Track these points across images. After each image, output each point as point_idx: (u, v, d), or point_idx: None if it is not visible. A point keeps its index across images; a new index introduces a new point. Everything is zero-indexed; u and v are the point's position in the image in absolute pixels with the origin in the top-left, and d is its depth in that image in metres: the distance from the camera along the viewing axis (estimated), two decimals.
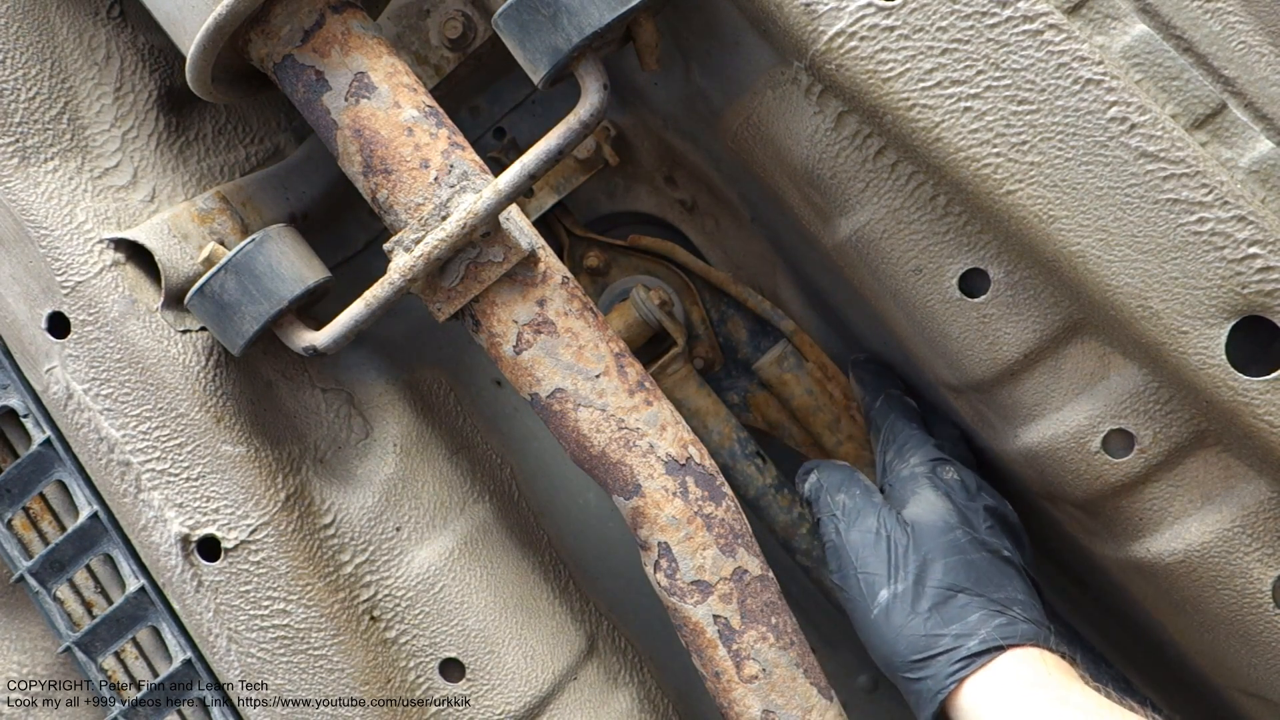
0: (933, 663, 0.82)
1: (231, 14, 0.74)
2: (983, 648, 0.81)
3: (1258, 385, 0.73)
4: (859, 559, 0.89)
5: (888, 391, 1.04)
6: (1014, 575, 0.88)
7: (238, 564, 0.87)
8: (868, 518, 0.91)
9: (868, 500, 0.93)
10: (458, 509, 1.01)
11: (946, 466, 0.95)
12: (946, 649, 0.82)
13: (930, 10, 0.73)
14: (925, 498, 0.92)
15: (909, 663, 0.83)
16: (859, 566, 0.89)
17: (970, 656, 0.81)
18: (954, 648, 0.82)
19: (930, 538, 0.88)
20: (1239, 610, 0.82)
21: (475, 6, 1.01)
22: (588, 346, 0.81)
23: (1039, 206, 0.74)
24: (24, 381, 0.89)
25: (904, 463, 0.97)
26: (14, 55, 0.86)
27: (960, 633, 0.83)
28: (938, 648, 0.83)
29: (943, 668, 0.82)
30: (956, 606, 0.84)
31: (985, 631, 0.82)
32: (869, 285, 0.89)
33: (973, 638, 0.82)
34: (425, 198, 0.79)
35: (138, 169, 0.92)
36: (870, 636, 0.87)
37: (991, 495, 0.95)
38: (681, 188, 1.15)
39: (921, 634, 0.83)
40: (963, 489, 0.93)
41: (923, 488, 0.93)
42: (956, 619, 0.84)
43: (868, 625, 0.87)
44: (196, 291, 0.82)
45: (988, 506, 0.93)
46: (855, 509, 0.92)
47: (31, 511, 0.95)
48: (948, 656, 0.82)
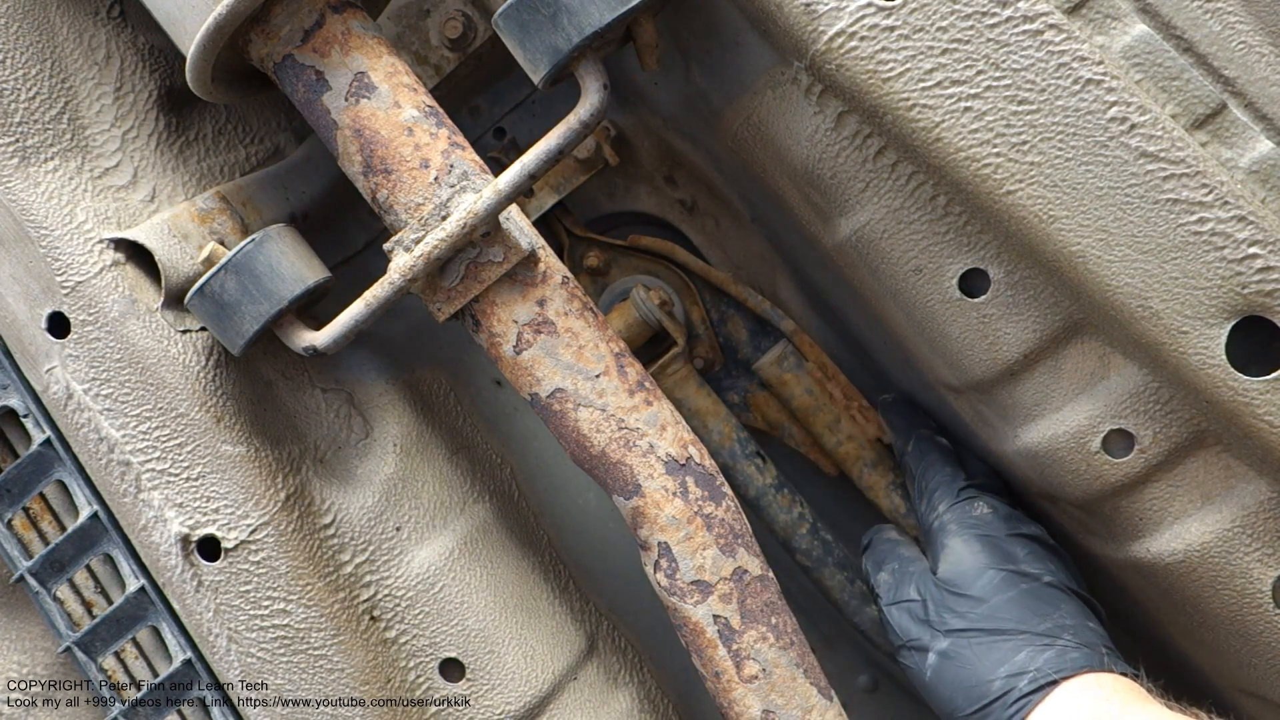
0: (989, 711, 0.81)
1: (231, 14, 0.74)
2: (1034, 686, 0.80)
3: (1258, 385, 0.73)
4: (904, 630, 0.90)
5: (918, 433, 1.04)
6: (1060, 600, 0.87)
7: (238, 564, 0.87)
8: (906, 588, 0.92)
9: (904, 570, 0.94)
10: (458, 509, 1.01)
11: (975, 503, 0.95)
12: (1000, 694, 0.81)
13: (930, 10, 0.73)
14: (954, 548, 0.92)
15: (968, 716, 0.83)
16: (905, 637, 0.90)
17: (1023, 697, 0.80)
18: (1006, 691, 0.81)
19: (966, 587, 0.88)
20: (1239, 610, 0.82)
21: (475, 6, 1.01)
22: (588, 346, 0.81)
23: (1039, 206, 0.74)
24: (24, 381, 0.89)
25: (933, 511, 0.97)
26: (14, 55, 0.86)
27: (1010, 673, 0.81)
28: (991, 694, 0.81)
29: (999, 713, 0.81)
30: (1004, 649, 0.83)
31: (1035, 668, 0.81)
32: (869, 285, 0.89)
33: (1023, 677, 0.81)
34: (425, 198, 0.79)
35: (138, 169, 0.92)
36: (932, 700, 0.87)
37: (1026, 523, 0.94)
38: (681, 188, 1.15)
39: (974, 684, 0.83)
40: (994, 521, 0.93)
41: (951, 537, 0.93)
42: (1004, 661, 0.82)
43: (926, 689, 0.87)
44: (196, 291, 0.82)
45: (1023, 534, 0.92)
46: (894, 583, 0.94)
47: (31, 511, 0.95)
48: (1002, 702, 0.81)
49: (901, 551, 0.98)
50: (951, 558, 0.92)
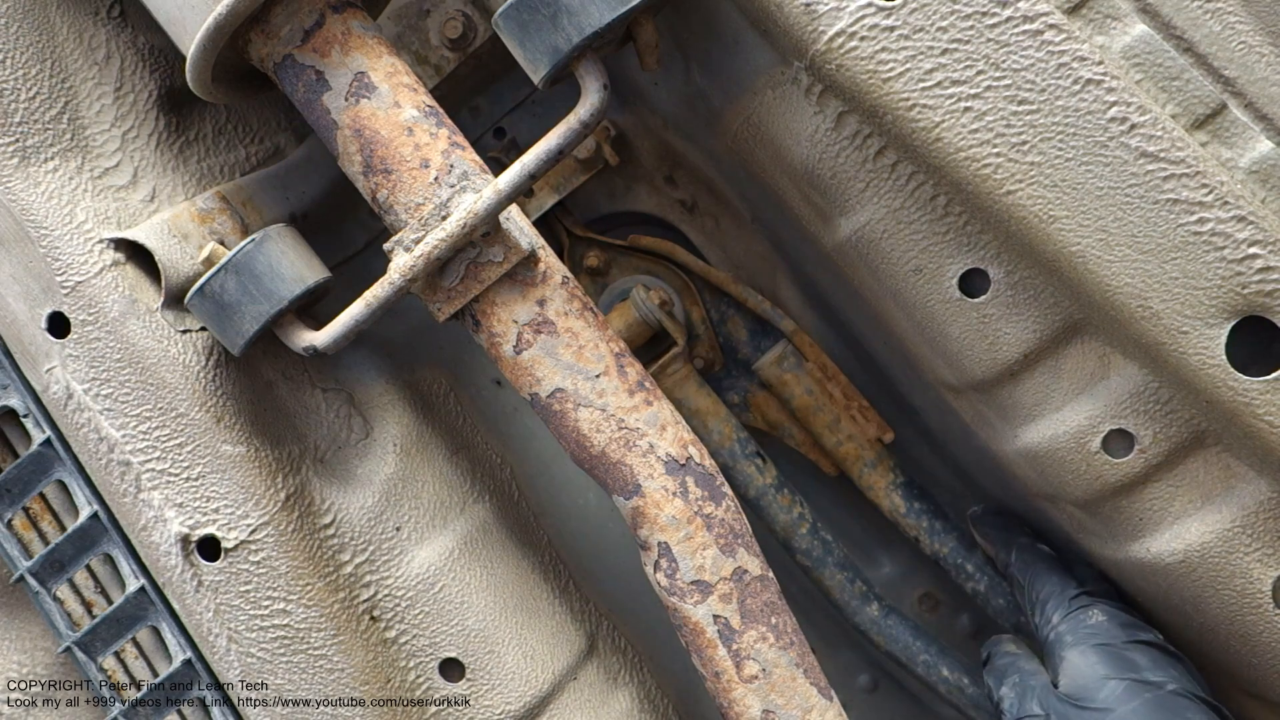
0: None
1: (231, 14, 0.74)
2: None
3: (1258, 385, 0.73)
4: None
5: (1018, 542, 1.02)
6: (1186, 707, 0.84)
7: (238, 564, 0.87)
8: (1029, 703, 0.90)
9: (1026, 685, 0.92)
10: (458, 509, 1.01)
11: (1089, 611, 0.93)
12: None
13: (930, 10, 0.73)
14: (1072, 660, 0.90)
15: None
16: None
17: None
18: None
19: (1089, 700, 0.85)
20: (1239, 610, 0.82)
21: (475, 6, 1.01)
22: (588, 346, 0.81)
23: (1039, 206, 0.74)
24: (24, 381, 0.89)
25: (1048, 624, 0.95)
26: (14, 55, 0.86)
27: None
28: None
29: None
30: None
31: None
32: (869, 285, 0.89)
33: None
34: (425, 197, 0.79)
35: (138, 169, 0.92)
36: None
37: (1143, 629, 0.92)
38: (681, 188, 1.15)
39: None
40: (1111, 628, 0.91)
41: (1069, 649, 0.91)
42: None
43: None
44: (196, 291, 0.82)
45: (1142, 641, 0.90)
46: (1017, 698, 0.91)
47: (31, 511, 0.94)
48: None
49: (1022, 665, 0.95)
50: (1071, 670, 0.89)
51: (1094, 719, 0.84)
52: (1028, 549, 1.01)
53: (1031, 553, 1.01)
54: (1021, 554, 1.01)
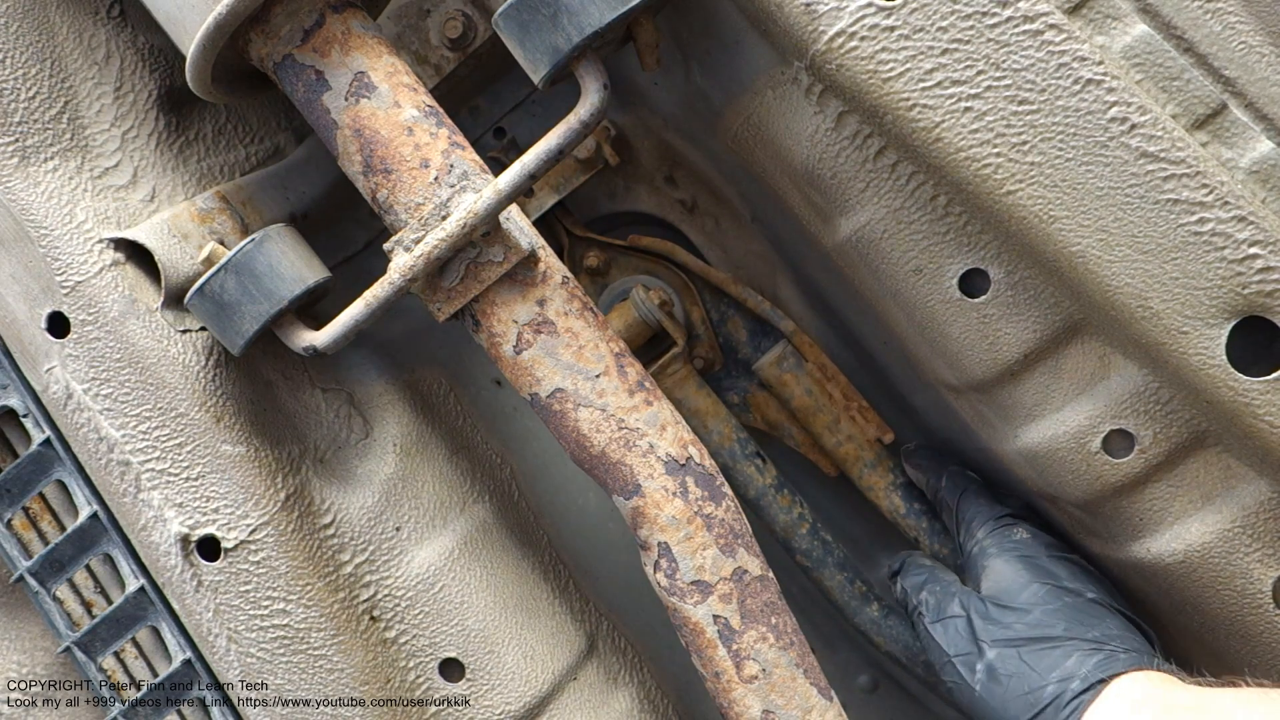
0: (1043, 717, 0.82)
1: (231, 13, 0.73)
2: (1084, 686, 0.81)
3: (1258, 385, 0.73)
4: (950, 644, 0.91)
5: (949, 469, 1.06)
6: (1105, 614, 0.88)
7: (237, 564, 0.87)
8: (949, 605, 0.93)
9: (947, 590, 0.95)
10: (458, 509, 1.01)
11: (1013, 528, 0.97)
12: (1053, 698, 0.82)
13: (930, 10, 0.73)
14: (995, 567, 0.94)
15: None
16: (951, 652, 0.90)
17: (1075, 698, 0.81)
18: (1059, 694, 0.82)
19: (1010, 600, 0.90)
20: (1239, 610, 0.82)
21: (475, 6, 1.01)
22: (588, 346, 0.81)
23: (1039, 207, 0.74)
24: (24, 381, 0.89)
25: (972, 538, 0.99)
26: (14, 55, 0.86)
27: (1062, 678, 0.82)
28: (1044, 700, 0.82)
29: (1053, 716, 0.81)
30: (1053, 656, 0.84)
31: (1085, 670, 0.82)
32: (869, 285, 0.89)
33: (1074, 679, 0.82)
34: (425, 197, 0.79)
35: (138, 168, 0.92)
36: (983, 713, 0.88)
37: (1065, 550, 0.95)
38: (681, 188, 1.15)
39: (1025, 692, 0.83)
40: (1034, 544, 0.95)
41: (991, 558, 0.95)
42: (1055, 667, 0.83)
43: (975, 703, 0.88)
44: (196, 291, 0.82)
45: (1063, 557, 0.94)
46: (937, 602, 0.95)
47: (31, 511, 0.94)
48: (1055, 705, 0.81)
49: (939, 574, 0.99)
50: (994, 575, 0.93)
51: (1014, 617, 0.88)
52: (957, 475, 1.05)
53: (961, 478, 1.05)
54: (951, 479, 1.05)
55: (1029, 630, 0.87)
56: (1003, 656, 0.86)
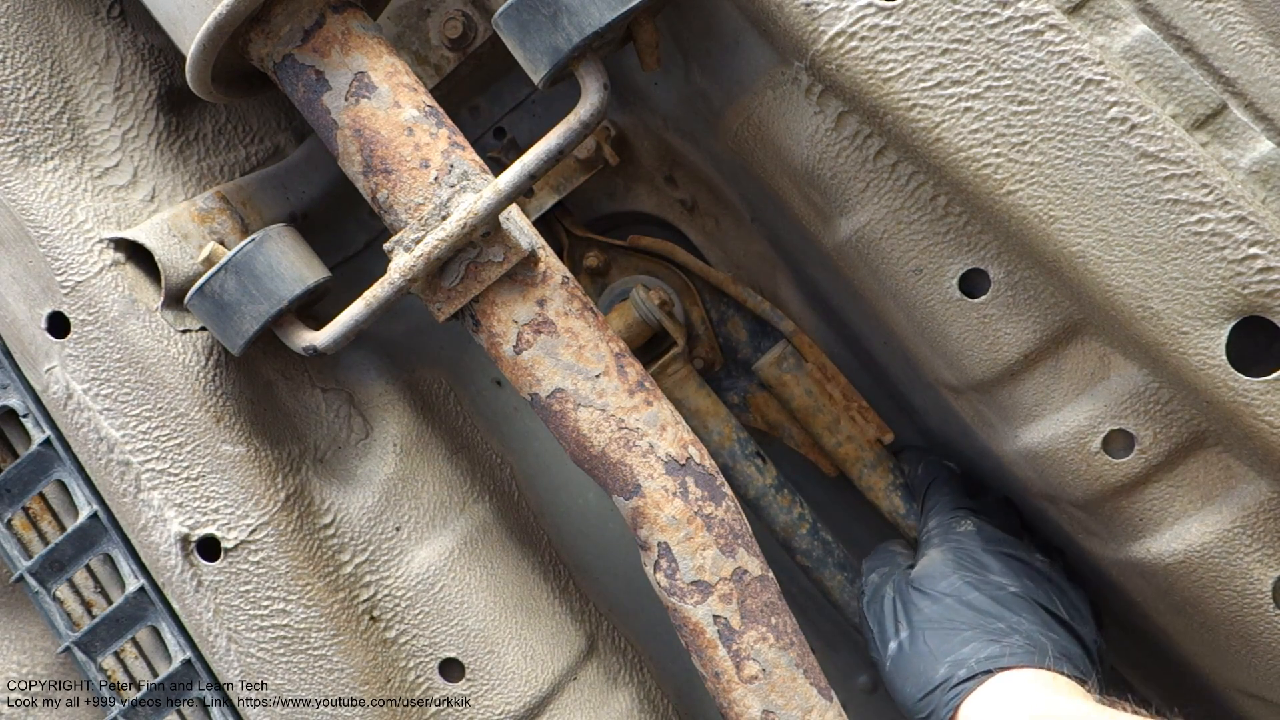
0: (932, 696, 0.86)
1: (232, 13, 0.73)
2: (969, 674, 0.84)
3: (1258, 385, 0.73)
4: (875, 623, 0.96)
5: (926, 459, 1.11)
6: (1023, 608, 0.90)
7: (237, 564, 0.87)
8: (884, 586, 0.99)
9: (887, 575, 1.01)
10: (458, 509, 1.01)
11: (962, 520, 1.01)
12: (941, 680, 0.85)
13: (930, 10, 0.73)
14: (930, 556, 0.98)
15: (916, 701, 0.87)
16: (875, 630, 0.96)
17: (960, 684, 0.84)
18: (948, 678, 0.85)
19: (933, 583, 0.94)
20: (1239, 611, 0.82)
21: (475, 6, 1.01)
22: (588, 346, 0.81)
23: (1039, 207, 0.74)
24: (24, 381, 0.89)
25: (925, 526, 1.04)
26: (14, 55, 0.86)
27: (954, 663, 0.86)
28: (935, 681, 0.86)
29: (940, 697, 0.85)
30: (952, 641, 0.88)
31: (974, 660, 0.85)
32: (869, 285, 0.89)
33: (962, 666, 0.85)
34: (425, 197, 0.79)
35: (138, 168, 0.92)
36: (891, 689, 0.92)
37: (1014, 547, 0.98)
38: (681, 188, 1.15)
39: (921, 672, 0.87)
40: (973, 536, 0.98)
41: (931, 547, 1.00)
42: (951, 652, 0.87)
43: (887, 677, 0.92)
44: (196, 291, 0.82)
45: (1005, 553, 0.97)
46: (878, 582, 1.00)
47: (31, 511, 0.94)
48: (943, 687, 0.85)
49: (896, 559, 1.04)
50: (925, 563, 0.98)
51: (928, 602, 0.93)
52: (933, 464, 1.10)
53: (936, 467, 1.10)
54: (926, 467, 1.10)
55: (937, 616, 0.91)
56: (911, 637, 0.91)
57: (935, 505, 1.05)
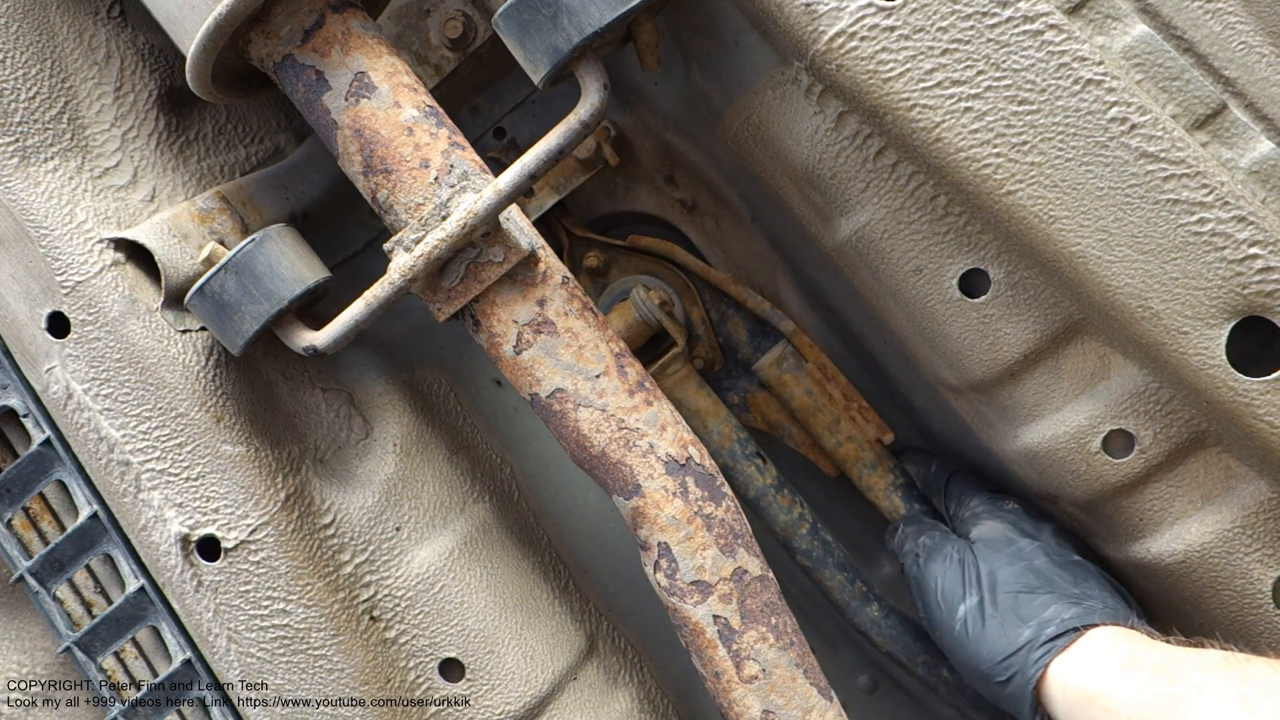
0: (1015, 658, 0.83)
1: (231, 13, 0.73)
2: (1059, 631, 0.82)
3: (1258, 385, 0.73)
4: (937, 584, 0.94)
5: (938, 459, 1.10)
6: (1089, 573, 0.90)
7: (238, 564, 0.87)
8: (944, 547, 0.96)
9: (945, 536, 0.99)
10: (458, 509, 1.01)
11: (1006, 500, 1.01)
12: (1027, 641, 0.83)
13: (930, 10, 0.73)
14: (988, 524, 0.97)
15: (995, 665, 0.85)
16: (938, 589, 0.93)
17: (1049, 642, 0.82)
18: (1034, 638, 0.83)
19: (998, 550, 0.92)
20: (1239, 610, 0.82)
21: (475, 6, 1.01)
22: (588, 346, 0.81)
23: (1039, 207, 0.74)
24: (24, 381, 0.89)
25: (965, 508, 1.02)
26: (14, 55, 0.86)
27: (1039, 624, 0.84)
28: (1019, 643, 0.84)
29: (1026, 657, 0.83)
30: (1035, 604, 0.86)
31: (1062, 618, 0.83)
32: (869, 285, 0.89)
33: (1050, 625, 0.83)
34: (425, 197, 0.79)
35: (138, 168, 0.92)
36: (957, 653, 0.90)
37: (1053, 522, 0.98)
38: (681, 188, 1.15)
39: (1001, 635, 0.85)
40: (1026, 516, 0.98)
41: (984, 518, 0.98)
42: (1035, 615, 0.85)
43: (953, 642, 0.90)
44: (196, 291, 0.82)
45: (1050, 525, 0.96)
46: (933, 545, 0.98)
47: (31, 511, 0.95)
48: (1028, 647, 0.83)
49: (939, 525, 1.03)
50: (987, 528, 0.96)
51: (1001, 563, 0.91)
52: (948, 463, 1.10)
53: (951, 462, 1.10)
54: (940, 464, 1.10)
55: (1014, 579, 0.89)
56: (986, 601, 0.88)
57: (965, 488, 1.04)
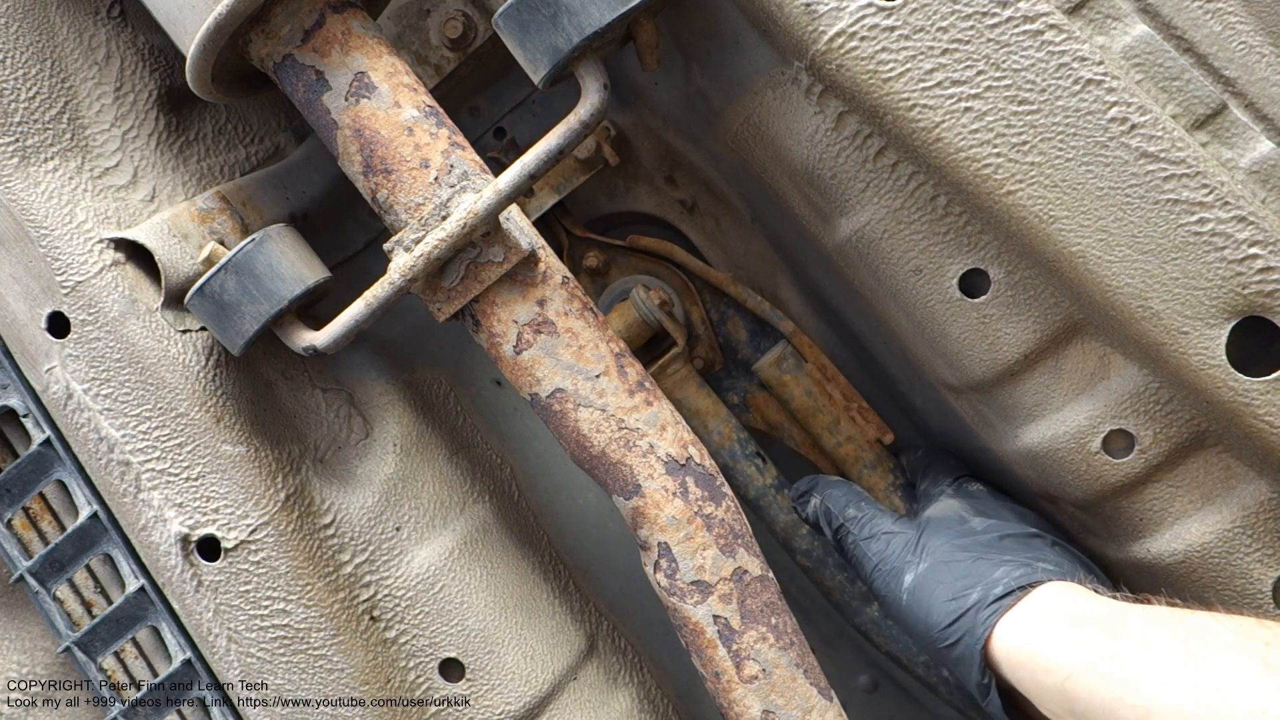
0: (963, 620, 0.83)
1: (231, 14, 0.73)
2: (1006, 591, 0.82)
3: (1258, 385, 0.73)
4: (880, 556, 0.92)
5: (928, 446, 1.10)
6: (1044, 546, 0.89)
7: (237, 564, 0.87)
8: (880, 520, 0.95)
9: (875, 507, 0.97)
10: (458, 509, 1.01)
11: (972, 482, 1.00)
12: (974, 603, 0.83)
13: (930, 10, 0.73)
14: (943, 503, 0.96)
15: (943, 629, 0.84)
16: (880, 563, 0.92)
17: (996, 601, 0.82)
18: (981, 599, 0.83)
19: (948, 525, 0.92)
20: (1239, 611, 0.81)
21: (475, 6, 1.01)
22: (588, 346, 0.81)
23: (1039, 207, 0.74)
24: (24, 381, 0.89)
25: (934, 485, 1.02)
26: (14, 55, 0.86)
27: (986, 585, 0.83)
28: (967, 605, 0.83)
29: (973, 619, 0.82)
30: (982, 567, 0.85)
31: (1009, 579, 0.83)
32: (869, 285, 0.89)
33: (997, 585, 0.83)
34: (425, 198, 0.79)
35: (138, 168, 0.92)
36: (906, 622, 0.89)
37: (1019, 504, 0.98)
38: (681, 188, 1.15)
39: (950, 598, 0.84)
40: (987, 493, 0.97)
41: (944, 497, 0.98)
42: (983, 577, 0.84)
43: (902, 612, 0.89)
44: (196, 291, 0.82)
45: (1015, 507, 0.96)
46: (866, 517, 0.96)
47: (31, 511, 0.95)
48: (975, 608, 0.82)
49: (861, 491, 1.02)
50: (940, 506, 0.96)
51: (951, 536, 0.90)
52: (934, 450, 1.10)
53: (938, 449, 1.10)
54: (930, 450, 1.10)
55: (962, 548, 0.88)
56: (933, 567, 0.88)
57: (940, 472, 1.04)
